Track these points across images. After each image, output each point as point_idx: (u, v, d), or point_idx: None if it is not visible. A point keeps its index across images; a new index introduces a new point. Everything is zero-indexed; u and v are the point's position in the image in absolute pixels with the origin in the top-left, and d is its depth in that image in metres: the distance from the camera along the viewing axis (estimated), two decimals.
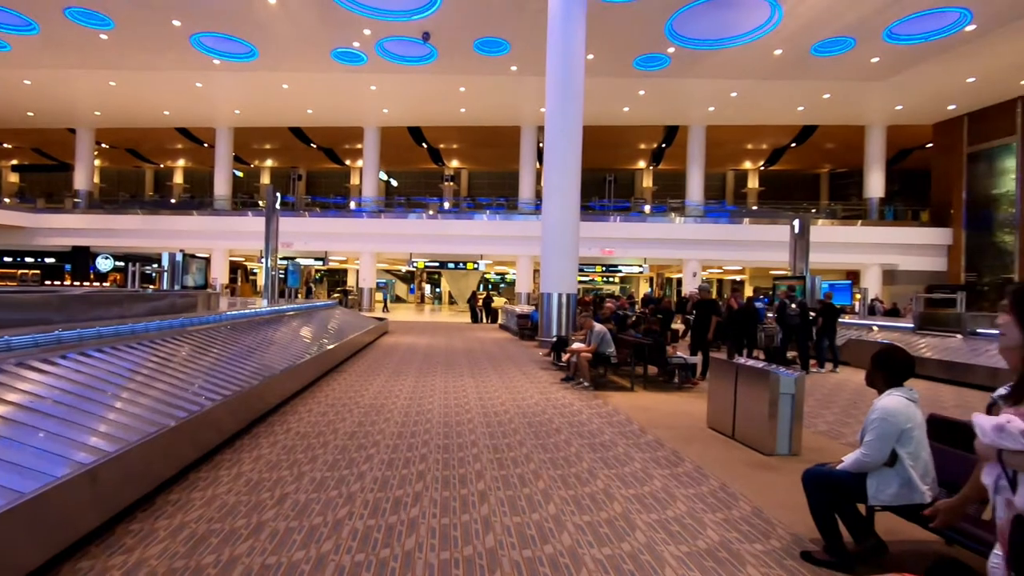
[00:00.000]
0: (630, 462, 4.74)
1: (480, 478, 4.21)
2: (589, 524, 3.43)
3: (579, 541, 3.19)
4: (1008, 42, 17.19)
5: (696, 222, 25.94)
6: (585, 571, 2.85)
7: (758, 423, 5.13)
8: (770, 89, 21.78)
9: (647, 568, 2.90)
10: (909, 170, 30.59)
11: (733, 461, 4.84)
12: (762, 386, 5.07)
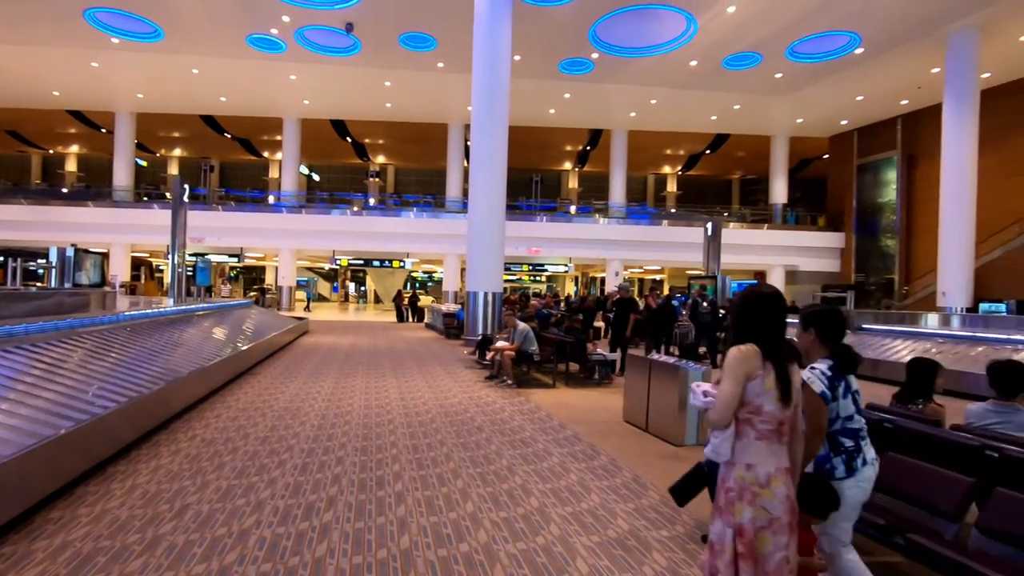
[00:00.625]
0: (548, 457, 4.84)
1: (398, 479, 4.15)
2: (506, 520, 3.48)
3: (495, 537, 3.23)
4: (890, 66, 19.04)
5: (619, 223, 26.83)
6: (499, 567, 2.89)
7: (669, 416, 5.39)
8: (687, 98, 22.89)
9: (559, 560, 2.98)
10: (809, 178, 33.17)
11: (646, 453, 5.07)
12: (672, 380, 5.34)
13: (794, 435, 2.00)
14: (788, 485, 1.92)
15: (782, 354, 1.94)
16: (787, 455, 1.95)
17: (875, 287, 24.49)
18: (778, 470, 1.91)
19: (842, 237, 26.20)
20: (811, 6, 15.46)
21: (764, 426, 1.91)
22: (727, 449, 1.99)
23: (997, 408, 3.24)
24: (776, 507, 1.87)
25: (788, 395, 1.91)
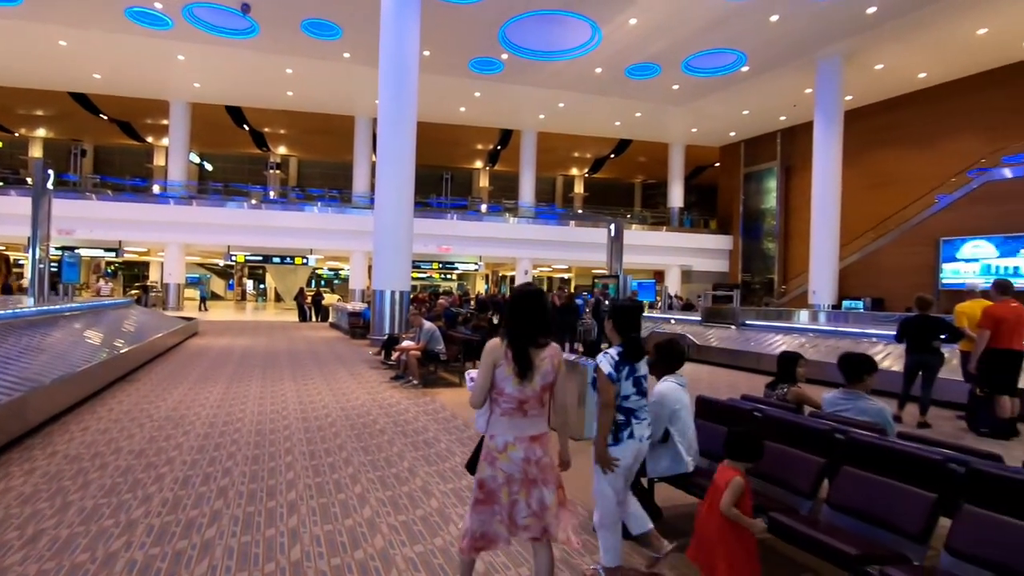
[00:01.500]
0: (451, 457, 4.84)
1: (292, 488, 3.97)
2: (404, 523, 3.43)
3: (392, 542, 3.18)
4: (771, 85, 20.86)
5: (528, 223, 27.29)
6: (395, 571, 2.85)
7: (570, 411, 5.57)
8: (592, 103, 23.73)
9: (456, 560, 2.99)
10: (703, 184, 35.58)
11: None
12: (572, 377, 5.52)
13: (554, 408, 2.44)
14: (529, 451, 2.30)
15: (525, 341, 2.30)
16: (534, 427, 2.32)
17: (758, 286, 26.75)
18: (517, 439, 2.30)
19: (731, 240, 28.35)
20: (703, 24, 16.57)
21: (506, 404, 2.31)
22: (482, 423, 2.42)
23: (845, 395, 3.67)
24: (512, 468, 2.29)
25: (525, 376, 2.27)
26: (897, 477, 2.58)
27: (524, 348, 2.29)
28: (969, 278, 15.77)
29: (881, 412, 3.45)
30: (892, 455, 2.66)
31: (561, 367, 2.39)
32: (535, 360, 2.30)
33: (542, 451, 2.32)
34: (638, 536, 2.96)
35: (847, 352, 3.78)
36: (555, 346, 2.40)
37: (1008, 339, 6.15)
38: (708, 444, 3.51)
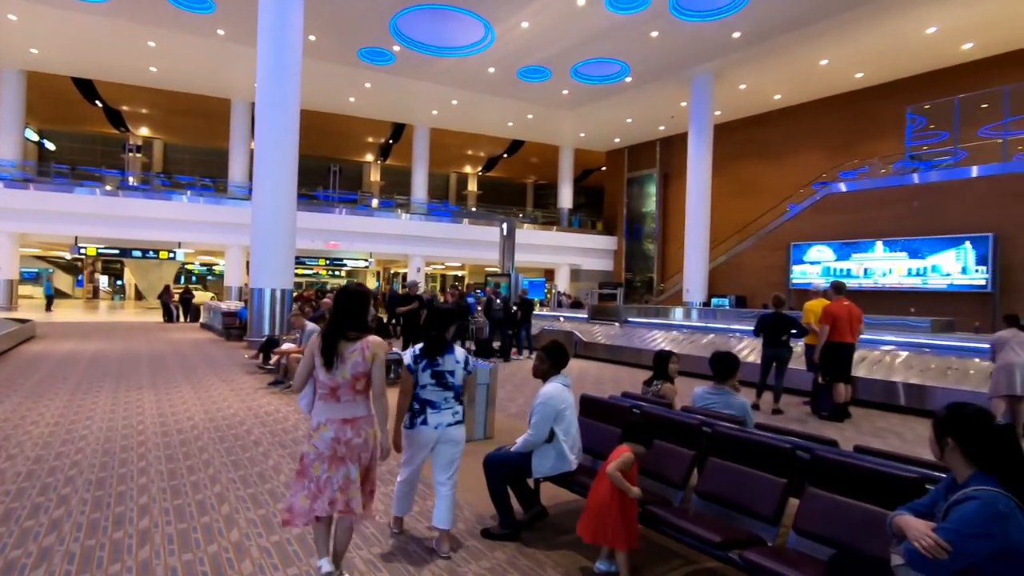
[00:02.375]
0: None
1: (145, 514, 3.53)
2: (277, 544, 3.18)
3: (263, 566, 2.93)
4: (651, 97, 22.26)
5: (421, 219, 26.86)
6: None
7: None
8: (486, 102, 23.85)
9: None
10: (590, 187, 37.17)
11: None
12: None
13: (372, 394, 2.67)
14: (339, 431, 2.60)
15: (336, 334, 2.62)
16: (347, 411, 2.62)
17: (640, 284, 28.47)
18: (329, 420, 2.62)
19: (615, 240, 29.90)
20: (591, 34, 17.25)
21: (321, 390, 2.65)
22: (305, 404, 2.75)
23: (714, 390, 3.97)
24: (323, 446, 2.61)
25: (331, 366, 2.58)
26: (755, 465, 2.82)
27: (333, 341, 2.61)
28: (813, 278, 17.91)
29: (743, 406, 3.78)
30: (750, 445, 2.90)
31: (375, 359, 2.63)
32: (344, 352, 2.60)
33: (353, 433, 2.62)
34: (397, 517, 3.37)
35: (716, 352, 4.08)
36: (371, 340, 2.66)
37: (842, 333, 7.03)
38: (592, 442, 3.62)
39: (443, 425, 3.15)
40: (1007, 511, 1.61)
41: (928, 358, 8.36)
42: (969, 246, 15.06)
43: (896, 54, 17.41)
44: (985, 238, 14.72)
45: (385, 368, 2.75)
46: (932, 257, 15.78)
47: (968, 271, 15.09)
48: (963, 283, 15.19)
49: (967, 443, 1.73)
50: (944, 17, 15.21)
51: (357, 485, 2.60)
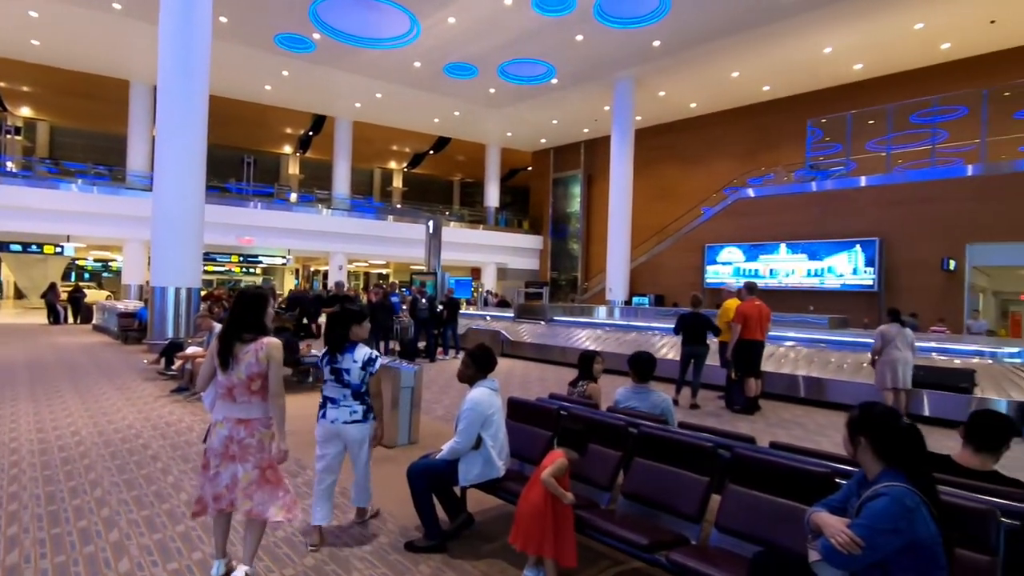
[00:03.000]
0: None
1: (14, 546, 3.09)
2: (176, 573, 2.88)
3: None
4: (576, 99, 22.69)
5: (344, 215, 25.92)
6: None
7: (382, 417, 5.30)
8: (411, 97, 23.36)
9: None
10: (517, 186, 37.43)
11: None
12: (386, 381, 5.26)
13: (269, 395, 2.70)
14: (233, 431, 2.67)
15: (232, 336, 2.69)
16: (243, 412, 2.68)
17: (565, 283, 29.01)
18: (225, 419, 2.69)
19: (541, 240, 30.28)
20: (517, 34, 17.31)
21: (219, 389, 2.71)
22: (207, 402, 2.82)
23: (636, 390, 4.03)
24: (214, 443, 2.69)
25: (227, 366, 2.65)
26: (679, 464, 2.87)
27: (229, 342, 2.68)
28: (725, 278, 18.97)
29: (666, 403, 3.86)
30: (674, 445, 2.94)
31: (270, 360, 2.68)
32: (239, 353, 2.67)
33: (246, 433, 2.68)
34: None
35: (636, 353, 4.15)
36: (266, 341, 2.70)
37: (753, 332, 7.43)
38: (519, 446, 3.57)
39: (339, 421, 3.27)
40: (913, 506, 1.69)
41: (826, 353, 9.04)
42: (859, 249, 16.48)
43: (798, 71, 18.76)
44: (872, 242, 16.16)
45: (282, 369, 2.78)
46: (828, 259, 17.14)
47: (858, 272, 16.51)
48: (854, 283, 16.60)
49: (877, 442, 1.81)
50: (837, 39, 16.55)
51: (245, 486, 2.65)
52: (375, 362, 3.33)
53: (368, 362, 3.30)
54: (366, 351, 3.34)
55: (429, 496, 3.21)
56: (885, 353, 6.97)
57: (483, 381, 3.30)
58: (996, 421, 2.44)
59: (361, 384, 3.29)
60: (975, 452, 2.42)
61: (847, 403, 7.85)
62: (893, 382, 6.96)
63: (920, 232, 15.41)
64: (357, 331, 3.39)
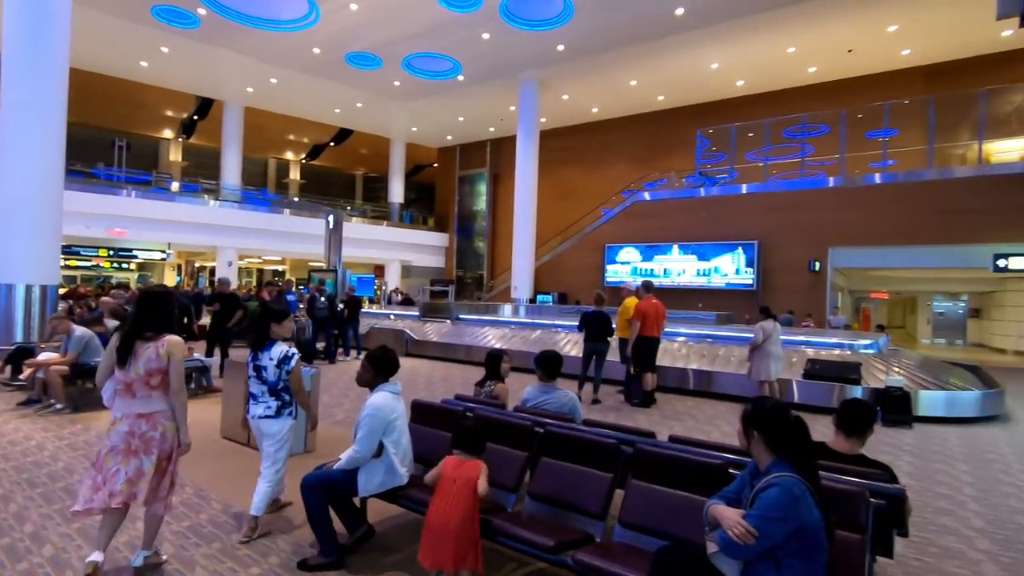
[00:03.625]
0: None
1: None
2: None
3: None
4: (482, 98, 22.70)
5: (234, 207, 24.05)
6: None
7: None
8: (310, 85, 22.18)
9: None
10: (422, 183, 36.81)
11: (245, 473, 4.46)
12: None
13: (167, 389, 2.78)
14: (134, 425, 2.73)
15: (132, 334, 2.77)
16: (143, 406, 2.75)
17: (471, 281, 28.98)
18: (124, 415, 2.75)
19: (447, 237, 30.03)
20: (422, 27, 16.96)
21: (117, 385, 2.77)
22: (106, 398, 2.85)
23: (543, 389, 4.04)
24: (115, 439, 2.74)
25: (124, 363, 2.72)
26: (583, 462, 2.89)
27: (129, 339, 2.75)
28: (624, 277, 19.88)
29: (572, 400, 3.90)
30: (579, 443, 2.96)
31: (171, 357, 2.75)
32: (138, 350, 2.74)
33: (148, 426, 2.75)
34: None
35: (543, 352, 4.16)
36: (167, 339, 2.76)
37: (650, 328, 7.79)
38: (424, 450, 3.44)
39: (256, 416, 3.39)
40: (800, 494, 1.80)
41: (713, 347, 9.70)
42: (741, 251, 17.93)
43: (689, 83, 20.04)
44: (752, 244, 17.65)
45: (183, 366, 2.83)
46: (715, 260, 18.49)
47: (740, 272, 17.96)
48: (737, 282, 18.04)
49: (769, 435, 1.91)
50: (723, 57, 17.88)
51: (148, 477, 2.71)
52: (290, 360, 3.41)
53: (283, 360, 3.38)
54: (283, 349, 3.43)
55: (325, 510, 3.00)
56: (763, 347, 7.57)
57: (384, 385, 3.14)
58: (862, 409, 2.69)
59: (278, 381, 3.38)
60: (846, 438, 2.65)
61: (733, 394, 8.48)
62: (767, 375, 7.59)
63: (792, 236, 17.04)
64: (277, 329, 3.50)
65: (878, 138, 17.24)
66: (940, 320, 24.72)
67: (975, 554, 3.45)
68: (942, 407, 7.41)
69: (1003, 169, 14.63)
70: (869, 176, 16.60)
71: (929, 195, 15.09)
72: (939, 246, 15.08)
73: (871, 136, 17.74)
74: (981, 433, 6.77)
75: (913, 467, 5.27)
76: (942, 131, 16.18)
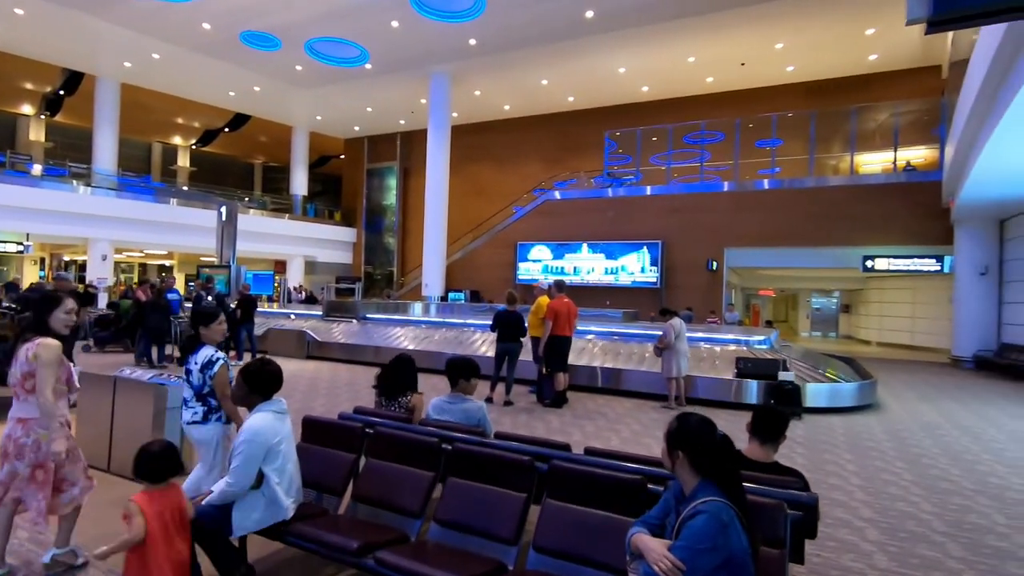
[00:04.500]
0: None
1: None
2: None
3: None
4: (392, 88, 21.93)
5: (110, 195, 21.53)
6: None
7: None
8: (200, 64, 20.29)
9: None
10: (328, 174, 35.12)
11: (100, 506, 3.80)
12: (145, 402, 4.25)
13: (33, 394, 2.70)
14: (12, 430, 2.69)
15: (19, 335, 2.85)
16: (20, 410, 2.72)
17: (380, 278, 28.00)
18: (9, 417, 2.72)
19: (355, 232, 28.81)
20: (326, 9, 15.96)
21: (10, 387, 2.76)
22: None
23: (451, 399, 3.75)
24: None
25: (8, 364, 2.74)
26: (495, 482, 2.65)
27: (15, 342, 2.80)
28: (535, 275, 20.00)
29: (480, 411, 3.64)
30: (490, 461, 2.72)
31: (37, 359, 2.64)
32: (18, 352, 2.72)
33: (23, 432, 2.68)
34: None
35: (452, 359, 3.87)
36: (38, 341, 2.69)
37: (562, 327, 7.75)
38: (318, 473, 3.05)
39: (185, 422, 3.32)
40: (728, 520, 1.66)
41: (620, 345, 9.88)
42: (646, 250, 18.61)
43: (597, 86, 20.50)
44: (656, 244, 18.36)
45: (52, 370, 2.71)
46: (622, 258, 19.06)
47: (645, 271, 18.64)
48: (642, 280, 18.70)
49: (694, 456, 1.77)
50: (629, 61, 18.44)
51: (19, 483, 2.67)
52: (214, 365, 3.25)
53: (207, 364, 3.24)
54: (208, 353, 3.29)
55: (192, 552, 2.54)
56: (674, 346, 7.77)
57: (265, 404, 2.71)
58: (775, 414, 2.67)
59: (202, 386, 3.26)
60: (761, 445, 2.62)
61: (640, 391, 8.65)
62: (677, 372, 7.80)
63: (692, 237, 17.91)
64: (205, 332, 3.37)
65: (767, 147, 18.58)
66: (817, 315, 27.22)
67: (867, 545, 3.61)
68: (825, 398, 7.98)
69: (869, 180, 16.26)
70: (759, 181, 17.83)
71: (809, 201, 16.43)
72: (817, 248, 16.47)
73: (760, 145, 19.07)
74: (859, 421, 7.35)
75: (806, 459, 5.56)
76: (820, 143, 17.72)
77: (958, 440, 6.49)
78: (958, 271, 14.43)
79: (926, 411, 8.20)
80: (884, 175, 16.42)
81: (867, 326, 22.38)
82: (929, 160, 16.88)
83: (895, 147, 16.71)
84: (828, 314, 26.92)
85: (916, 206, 15.22)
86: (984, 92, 7.51)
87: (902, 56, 17.21)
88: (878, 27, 15.41)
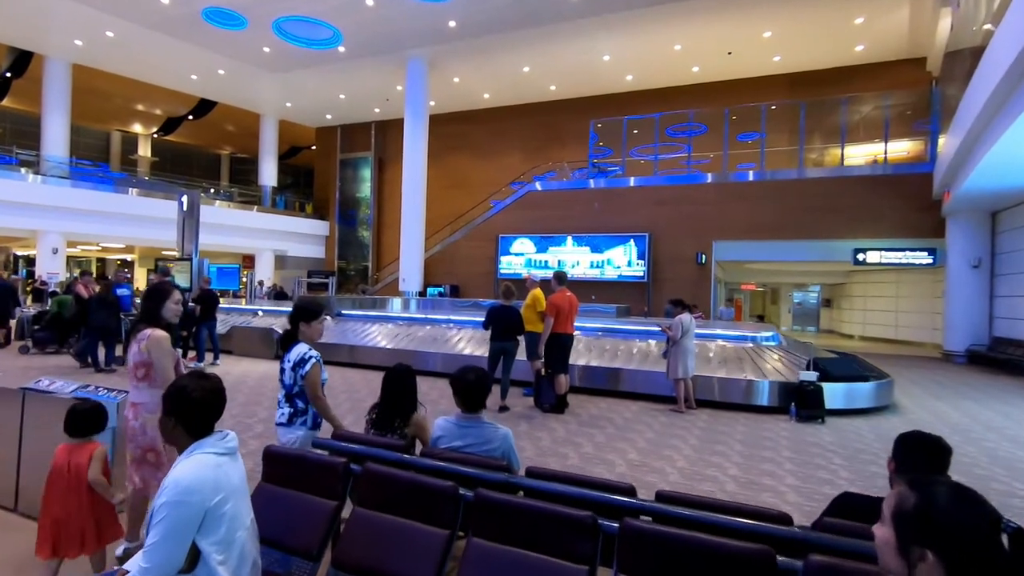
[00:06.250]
0: None
1: None
2: None
3: None
4: (366, 74, 20.86)
5: (63, 184, 20.00)
6: None
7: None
8: (158, 43, 18.91)
9: None
10: (299, 165, 33.73)
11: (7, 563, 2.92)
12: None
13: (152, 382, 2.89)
14: (128, 412, 2.94)
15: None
16: (133, 395, 2.95)
17: (354, 273, 26.88)
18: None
19: (327, 225, 27.62)
20: None
21: None
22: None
23: (464, 421, 2.89)
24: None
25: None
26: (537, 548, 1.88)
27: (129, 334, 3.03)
28: (518, 269, 19.23)
29: (506, 439, 2.76)
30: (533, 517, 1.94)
31: (149, 351, 2.88)
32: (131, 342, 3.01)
33: (133, 416, 2.95)
34: None
35: (462, 371, 2.93)
36: (147, 332, 2.91)
37: (563, 324, 7.00)
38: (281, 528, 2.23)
39: (276, 423, 3.15)
40: None
41: (616, 342, 9.20)
42: (633, 243, 18.00)
43: (581, 74, 19.80)
44: (643, 237, 17.77)
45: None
46: (608, 252, 18.42)
47: (632, 264, 18.04)
48: (629, 274, 18.10)
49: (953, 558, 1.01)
50: (613, 49, 17.80)
51: (136, 462, 2.90)
52: (306, 363, 3.09)
53: (299, 362, 3.10)
54: (302, 350, 3.13)
55: None
56: (680, 344, 7.10)
57: (201, 444, 1.81)
58: (939, 446, 1.98)
59: (293, 385, 3.13)
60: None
61: (641, 392, 7.97)
62: (684, 373, 7.14)
63: (680, 230, 17.37)
64: (306, 330, 3.25)
65: (756, 139, 18.14)
66: (798, 309, 27.10)
67: None
68: (842, 399, 7.41)
69: (853, 171, 15.97)
70: (744, 174, 17.38)
71: (798, 193, 16.04)
72: (806, 241, 16.09)
73: (747, 137, 18.63)
74: (885, 424, 6.80)
75: (850, 471, 4.93)
76: (807, 135, 17.35)
77: (1000, 445, 5.97)
78: (950, 264, 14.18)
79: (947, 411, 7.71)
80: (871, 167, 16.15)
81: (850, 320, 22.25)
82: (913, 153, 16.66)
83: (885, 139, 16.43)
84: (809, 309, 26.84)
85: (905, 198, 14.95)
86: (1009, 79, 7.01)
87: (888, 48, 16.98)
88: (866, 15, 15.10)
